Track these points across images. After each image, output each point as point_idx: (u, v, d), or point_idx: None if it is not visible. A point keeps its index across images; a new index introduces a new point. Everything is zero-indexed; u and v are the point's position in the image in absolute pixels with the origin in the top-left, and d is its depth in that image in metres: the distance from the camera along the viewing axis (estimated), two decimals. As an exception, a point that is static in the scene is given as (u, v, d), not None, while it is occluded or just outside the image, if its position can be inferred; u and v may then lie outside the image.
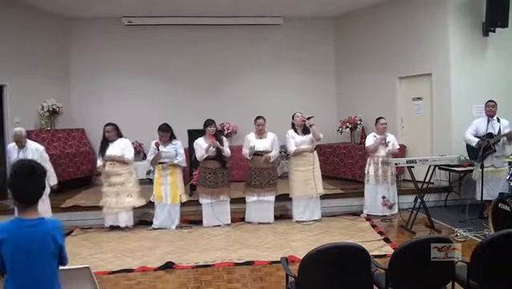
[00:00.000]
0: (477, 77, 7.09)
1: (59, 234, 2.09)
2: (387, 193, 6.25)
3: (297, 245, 5.12)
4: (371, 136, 6.39)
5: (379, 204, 6.31)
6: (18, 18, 7.55)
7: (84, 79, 8.70)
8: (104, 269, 4.46)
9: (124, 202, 5.84)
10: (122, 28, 8.68)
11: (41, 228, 2.04)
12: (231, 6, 8.09)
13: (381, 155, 6.25)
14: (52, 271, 2.10)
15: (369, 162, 6.40)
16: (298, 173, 6.12)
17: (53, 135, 7.68)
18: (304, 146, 6.09)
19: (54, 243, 2.05)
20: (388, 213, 6.30)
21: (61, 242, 2.09)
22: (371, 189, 6.37)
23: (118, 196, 5.82)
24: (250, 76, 9.09)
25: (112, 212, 5.86)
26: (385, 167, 6.19)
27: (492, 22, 6.84)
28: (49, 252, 2.05)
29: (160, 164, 5.93)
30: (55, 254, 2.08)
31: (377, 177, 6.27)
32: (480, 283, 2.80)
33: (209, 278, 4.21)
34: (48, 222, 2.08)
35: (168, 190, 5.92)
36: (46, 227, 2.05)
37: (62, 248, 2.11)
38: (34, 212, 2.06)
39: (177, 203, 5.96)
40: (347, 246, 2.81)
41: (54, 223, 2.11)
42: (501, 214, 4.88)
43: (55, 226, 2.10)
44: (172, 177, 5.94)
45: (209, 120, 5.96)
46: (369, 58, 8.40)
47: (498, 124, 5.97)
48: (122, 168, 5.86)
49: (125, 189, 5.86)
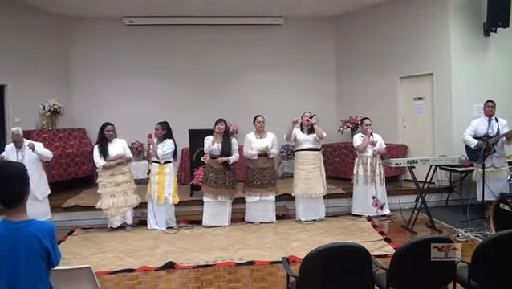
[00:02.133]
0: (478, 77, 7.09)
1: (45, 236, 2.00)
2: (376, 193, 6.27)
3: (298, 245, 5.12)
4: (358, 136, 6.47)
5: (370, 204, 6.32)
6: (19, 18, 7.56)
7: (85, 78, 8.71)
8: (105, 269, 4.46)
9: (133, 199, 5.93)
10: (123, 28, 8.69)
11: (25, 231, 1.98)
12: (232, 6, 8.10)
13: (369, 155, 6.30)
14: (40, 274, 2.03)
15: (357, 162, 6.44)
16: (300, 172, 6.13)
17: (54, 135, 7.69)
18: (306, 145, 6.10)
19: (39, 245, 1.98)
20: (380, 213, 6.30)
21: (46, 244, 2.00)
22: (360, 189, 6.39)
23: (126, 194, 5.86)
24: (251, 76, 9.09)
25: (120, 211, 5.86)
26: (374, 167, 6.24)
27: (493, 22, 6.84)
28: (34, 254, 1.98)
29: (152, 163, 5.99)
30: (42, 256, 2.01)
31: (366, 177, 6.30)
32: (481, 283, 2.80)
33: (210, 278, 4.21)
34: (34, 224, 2.02)
35: (156, 190, 5.88)
36: (31, 229, 1.99)
37: (49, 250, 2.02)
38: (18, 214, 2.01)
39: (162, 204, 5.86)
40: (348, 246, 2.80)
41: (40, 225, 2.04)
42: (502, 214, 4.87)
43: (41, 228, 2.02)
44: (160, 177, 5.89)
45: (219, 119, 6.06)
46: (370, 58, 8.40)
47: (497, 124, 5.97)
48: (126, 167, 5.96)
49: (131, 187, 5.98)
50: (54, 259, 2.07)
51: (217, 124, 5.97)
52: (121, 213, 5.88)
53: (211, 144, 5.91)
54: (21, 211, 2.03)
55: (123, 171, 5.90)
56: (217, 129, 5.95)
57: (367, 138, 6.32)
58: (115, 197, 5.81)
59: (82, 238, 5.70)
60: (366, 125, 6.41)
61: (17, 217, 2.01)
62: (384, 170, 6.37)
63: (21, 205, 2.03)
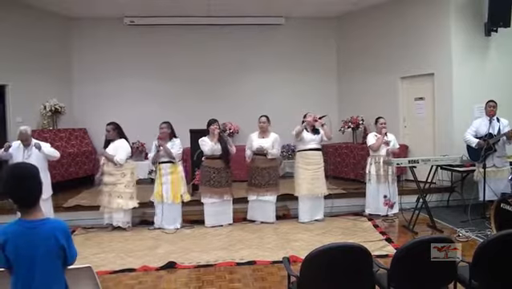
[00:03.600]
0: (479, 77, 7.08)
1: (61, 235, 2.06)
2: (388, 192, 6.27)
3: (298, 245, 5.12)
4: (373, 136, 6.45)
5: (381, 203, 6.33)
6: (20, 18, 7.58)
7: (86, 78, 8.72)
8: (106, 268, 4.47)
9: (114, 203, 5.80)
10: (124, 28, 8.70)
11: (42, 229, 2.02)
12: (233, 6, 8.10)
13: (382, 154, 6.29)
14: (56, 272, 2.09)
15: (370, 162, 6.43)
16: (305, 172, 6.11)
17: (55, 134, 7.70)
18: (312, 145, 6.10)
19: (56, 244, 2.03)
20: (390, 213, 6.32)
21: (63, 242, 2.05)
22: (372, 189, 6.39)
23: (110, 196, 5.82)
24: (252, 76, 9.09)
25: (105, 210, 5.89)
26: (386, 166, 6.22)
27: (494, 22, 6.83)
28: (51, 253, 2.03)
29: (160, 164, 5.94)
30: (58, 255, 2.06)
31: (379, 177, 6.30)
32: (482, 283, 2.80)
33: (211, 277, 4.22)
34: (50, 223, 2.06)
35: (170, 189, 5.90)
36: (48, 228, 2.03)
37: (65, 248, 2.07)
38: (35, 213, 2.05)
39: (178, 202, 5.95)
40: (349, 246, 2.81)
41: (56, 223, 2.09)
42: (504, 214, 4.86)
43: (57, 227, 2.07)
44: (173, 176, 5.94)
45: (211, 119, 6.01)
46: (371, 58, 8.39)
47: (498, 124, 5.96)
48: (114, 168, 5.81)
49: (115, 190, 5.81)
50: (69, 258, 2.12)
51: (213, 125, 5.92)
52: (106, 213, 5.90)
53: (213, 144, 5.87)
54: (36, 210, 2.06)
55: (111, 172, 5.80)
56: (213, 130, 5.88)
57: (382, 137, 6.30)
58: (103, 196, 5.87)
59: (83, 237, 5.70)
60: (381, 124, 6.38)
61: (32, 216, 2.04)
62: (395, 170, 6.36)
63: (36, 204, 2.06)
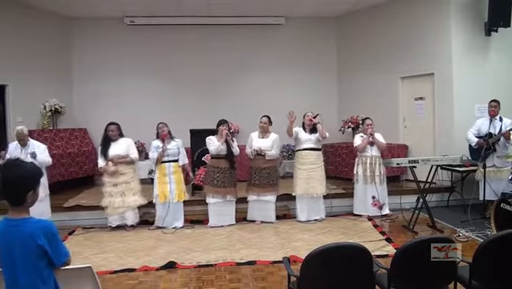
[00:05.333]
0: (479, 77, 7.08)
1: (41, 235, 1.98)
2: (376, 193, 6.27)
3: (299, 245, 5.12)
4: (358, 136, 6.49)
5: (370, 204, 6.33)
6: (20, 18, 7.58)
7: (86, 78, 8.71)
8: (106, 268, 4.47)
9: (130, 201, 5.85)
10: (124, 28, 8.69)
11: (21, 228, 1.99)
12: (233, 6, 8.09)
13: (369, 155, 6.29)
14: (40, 273, 2.03)
15: (357, 162, 6.45)
16: (301, 172, 6.13)
17: (55, 134, 7.69)
18: (308, 145, 6.10)
19: (33, 244, 1.97)
20: (379, 214, 6.31)
21: (41, 242, 1.97)
22: (360, 189, 6.40)
23: (123, 195, 5.82)
24: (252, 76, 9.09)
25: (117, 212, 5.85)
26: (373, 167, 6.24)
27: (494, 22, 6.83)
28: (29, 253, 1.98)
29: (163, 164, 5.94)
30: (38, 254, 1.99)
31: (365, 177, 6.30)
32: (482, 283, 2.80)
33: (211, 277, 4.22)
34: (30, 222, 2.01)
35: (174, 188, 5.93)
36: (28, 228, 1.99)
37: (45, 249, 2.00)
38: (19, 212, 2.02)
39: (182, 200, 6.01)
40: (349, 246, 2.80)
41: (36, 223, 2.02)
42: (504, 214, 4.87)
43: (38, 227, 2.01)
44: (177, 175, 5.99)
45: (222, 119, 6.04)
46: (371, 57, 8.40)
47: (500, 124, 5.95)
48: (127, 167, 5.87)
49: (130, 188, 5.88)
50: (55, 259, 2.05)
51: (223, 126, 5.93)
52: (119, 214, 5.87)
53: (220, 144, 5.87)
54: (22, 209, 2.04)
55: (123, 172, 5.83)
56: (222, 130, 5.89)
57: (367, 138, 6.32)
58: (113, 197, 5.81)
59: (83, 237, 5.70)
60: (367, 125, 6.40)
61: (17, 215, 2.03)
62: (384, 170, 6.37)
63: (22, 203, 2.03)
